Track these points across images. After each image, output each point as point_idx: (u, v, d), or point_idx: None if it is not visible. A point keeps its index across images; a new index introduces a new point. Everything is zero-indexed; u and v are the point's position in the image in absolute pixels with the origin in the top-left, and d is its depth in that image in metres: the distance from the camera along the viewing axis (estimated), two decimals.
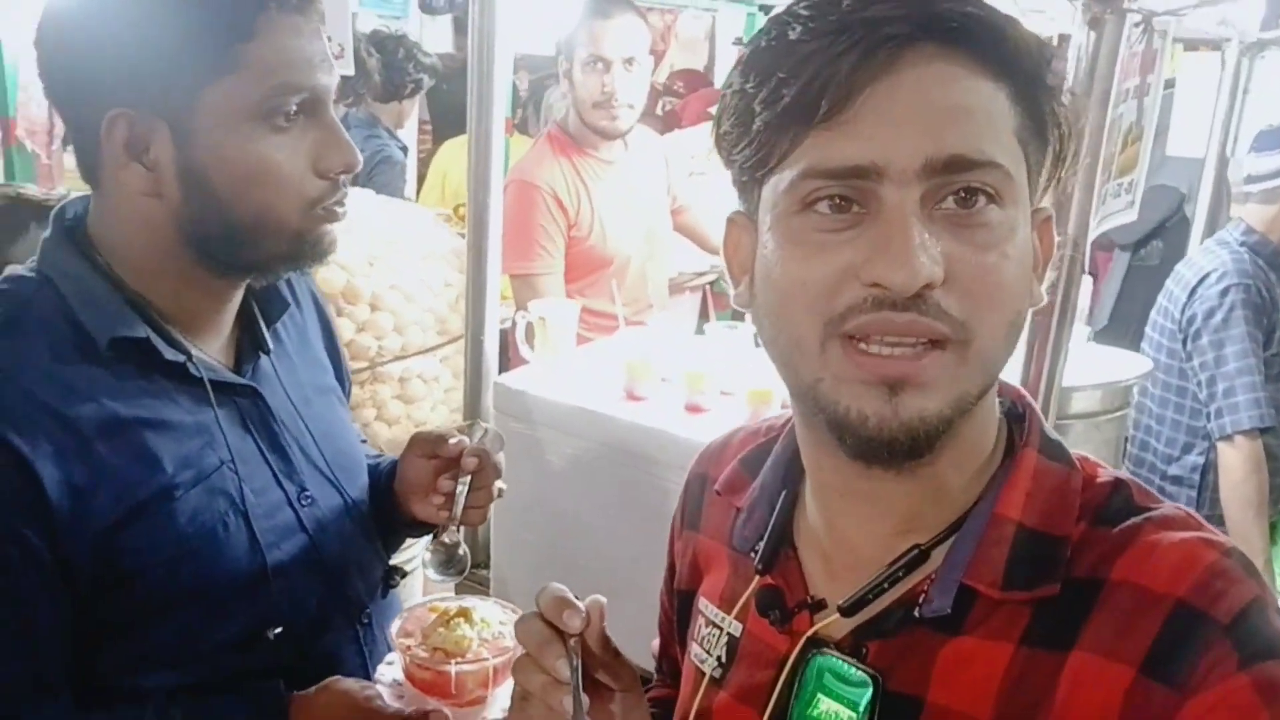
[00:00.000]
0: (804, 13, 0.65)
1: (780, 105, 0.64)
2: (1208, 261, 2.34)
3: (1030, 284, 0.68)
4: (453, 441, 1.20)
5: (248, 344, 1.12)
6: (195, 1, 0.94)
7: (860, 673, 0.71)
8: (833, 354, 0.66)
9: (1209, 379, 2.27)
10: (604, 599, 0.78)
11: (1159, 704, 0.62)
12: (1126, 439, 2.57)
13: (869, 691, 0.70)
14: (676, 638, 0.94)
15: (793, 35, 0.64)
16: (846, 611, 0.73)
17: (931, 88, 0.63)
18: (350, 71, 2.10)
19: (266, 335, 1.13)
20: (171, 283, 1.02)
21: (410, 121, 4.33)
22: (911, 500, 0.72)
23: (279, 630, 1.05)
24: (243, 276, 1.07)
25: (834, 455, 0.71)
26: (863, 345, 0.65)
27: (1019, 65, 0.65)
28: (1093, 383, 1.76)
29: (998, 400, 0.75)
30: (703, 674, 0.83)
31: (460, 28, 5.07)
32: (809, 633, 0.75)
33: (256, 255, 1.02)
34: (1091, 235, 1.51)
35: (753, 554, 0.80)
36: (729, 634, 0.82)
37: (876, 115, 0.63)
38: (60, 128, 3.23)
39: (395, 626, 1.12)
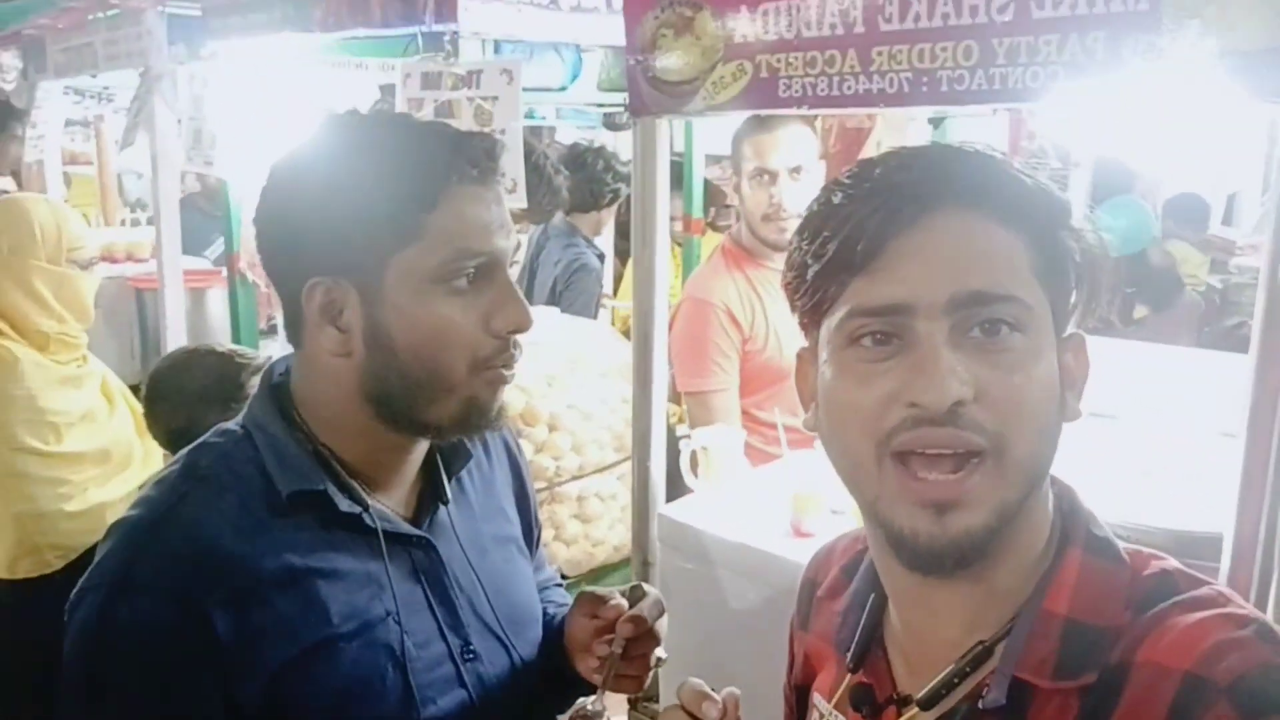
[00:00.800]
0: (846, 181, 0.79)
1: (826, 258, 0.77)
2: None
3: (1058, 401, 0.77)
4: (612, 603, 1.19)
5: (429, 495, 1.16)
6: (386, 177, 1.02)
7: None
8: (887, 473, 0.76)
9: None
10: (739, 692, 0.89)
11: None
12: None
13: None
14: None
15: (835, 200, 0.78)
16: (924, 705, 0.80)
17: (953, 236, 0.75)
18: (523, 204, 2.17)
19: (447, 486, 1.16)
20: (355, 437, 1.08)
21: (608, 229, 4.45)
22: (970, 603, 0.79)
23: None
24: (419, 435, 1.11)
25: (895, 565, 0.80)
26: (912, 467, 0.74)
27: (1032, 216, 0.77)
28: None
29: (1051, 496, 0.82)
30: None
31: None
32: None
33: (430, 415, 1.06)
34: None
35: (847, 653, 0.89)
36: None
37: (906, 261, 0.75)
38: None
39: None
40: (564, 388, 2.52)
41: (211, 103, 3.00)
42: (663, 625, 1.19)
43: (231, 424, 1.12)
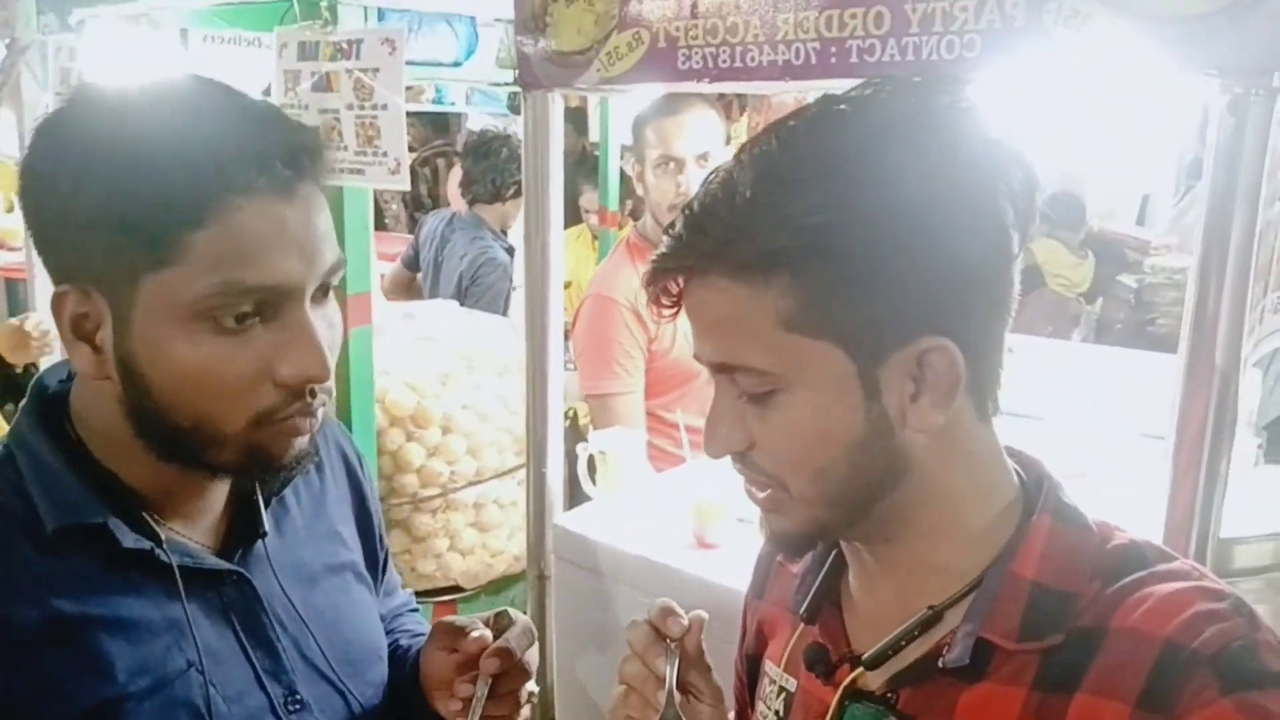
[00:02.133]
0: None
1: None
2: None
3: (846, 434, 0.75)
4: (474, 635, 1.02)
5: (241, 521, 0.98)
6: (144, 177, 0.79)
7: (891, 718, 0.80)
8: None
9: None
10: (705, 614, 0.93)
11: None
12: None
13: None
14: (749, 702, 1.01)
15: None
16: (869, 665, 0.82)
17: (699, 309, 0.76)
18: (406, 187, 2.01)
19: (264, 514, 0.98)
20: (140, 466, 0.90)
21: (517, 223, 4.29)
22: (900, 572, 0.82)
23: None
24: (207, 475, 0.92)
25: None
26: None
27: (791, 255, 0.71)
28: (1263, 531, 1.44)
29: (1017, 469, 0.83)
30: None
31: (572, 119, 5.05)
32: (846, 682, 0.83)
33: (208, 459, 0.88)
34: (1252, 357, 1.23)
35: (802, 614, 0.89)
36: (785, 689, 0.91)
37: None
38: None
39: None
40: (459, 387, 2.36)
41: (79, 74, 2.78)
42: (532, 656, 1.04)
43: None
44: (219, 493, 0.96)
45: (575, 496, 1.92)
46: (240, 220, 0.80)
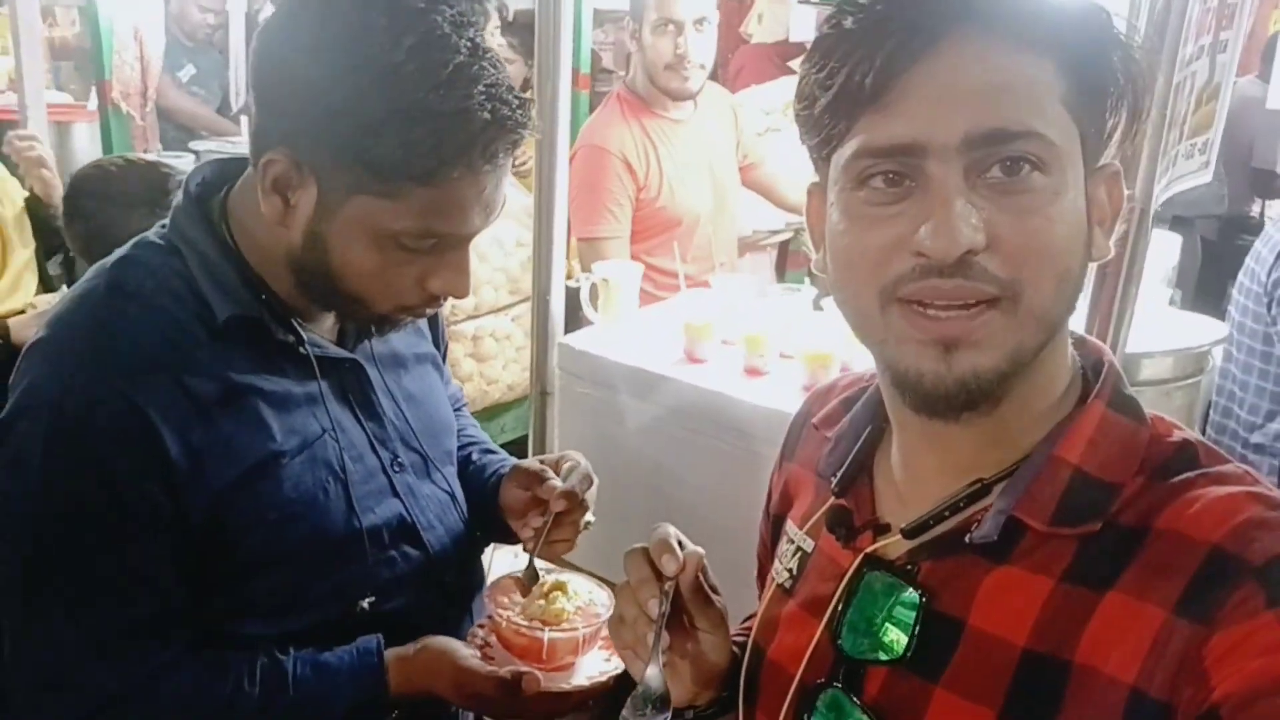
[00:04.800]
0: (860, 1, 0.71)
1: (833, 90, 0.70)
2: None
3: (1084, 241, 0.72)
4: (548, 483, 1.23)
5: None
6: (396, 121, 0.93)
7: (909, 590, 0.76)
8: (892, 318, 0.72)
9: None
10: (703, 552, 0.86)
11: (1188, 639, 0.64)
12: (1209, 406, 2.49)
13: (916, 608, 0.76)
14: (771, 561, 0.99)
15: (847, 24, 0.71)
16: (909, 534, 0.78)
17: (969, 67, 0.68)
18: None
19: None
20: (283, 280, 1.06)
21: None
22: (976, 445, 0.77)
23: (372, 599, 1.11)
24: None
25: (902, 407, 0.77)
26: (919, 308, 0.70)
27: (1063, 38, 0.69)
28: (1164, 348, 1.71)
29: (1075, 355, 0.79)
30: (778, 585, 0.90)
31: None
32: (868, 549, 0.81)
33: (344, 312, 1.10)
34: (1163, 196, 1.47)
35: (833, 479, 0.86)
36: (802, 549, 0.89)
37: (918, 95, 0.68)
38: (152, 90, 3.35)
39: (488, 593, 1.17)
40: None
41: None
42: (591, 495, 1.26)
43: (152, 236, 1.07)
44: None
45: (571, 326, 2.15)
46: (455, 188, 0.97)
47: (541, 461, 1.29)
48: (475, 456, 1.38)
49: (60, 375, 0.97)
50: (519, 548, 1.27)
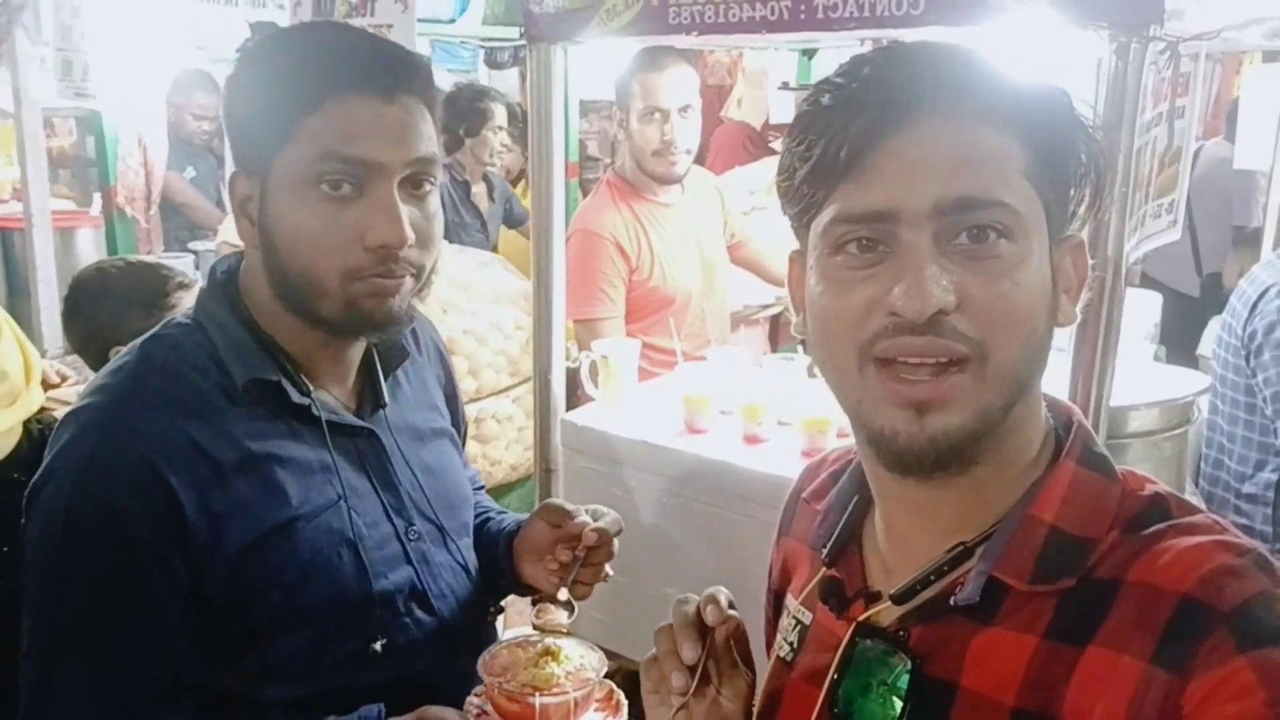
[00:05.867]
0: (836, 80, 0.77)
1: (811, 161, 0.75)
2: (1268, 275, 2.32)
3: (1049, 306, 0.76)
4: (580, 518, 1.28)
5: (368, 391, 1.23)
6: (280, 79, 1.07)
7: (901, 656, 0.78)
8: (869, 378, 0.75)
9: (1274, 394, 2.24)
10: (740, 620, 0.89)
11: (1166, 689, 0.66)
12: (1201, 458, 2.53)
13: (908, 674, 0.78)
14: (773, 637, 1.01)
15: (824, 101, 0.76)
16: (897, 600, 0.80)
17: (938, 140, 0.73)
18: None
19: (384, 386, 1.23)
20: (289, 330, 1.13)
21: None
22: (955, 508, 0.79)
23: (384, 642, 1.15)
24: (321, 330, 1.13)
25: (878, 467, 0.80)
26: (894, 369, 0.73)
27: (1024, 115, 0.74)
28: (1148, 400, 1.77)
29: (1048, 415, 0.82)
30: (779, 658, 0.93)
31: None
32: (861, 618, 0.83)
33: (318, 312, 1.09)
34: (1134, 254, 1.54)
35: (823, 550, 0.89)
36: (801, 622, 0.91)
37: (891, 167, 0.73)
38: (156, 194, 3.45)
39: (483, 662, 1.19)
40: (459, 314, 2.61)
41: (82, 33, 2.93)
42: (616, 545, 1.30)
43: (180, 318, 1.16)
44: (351, 363, 1.20)
45: (570, 405, 2.19)
46: (345, 109, 1.05)
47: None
48: (494, 515, 1.44)
49: (86, 442, 1.04)
50: (532, 613, 1.30)
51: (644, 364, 2.42)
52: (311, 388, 1.14)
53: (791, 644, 0.91)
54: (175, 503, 1.02)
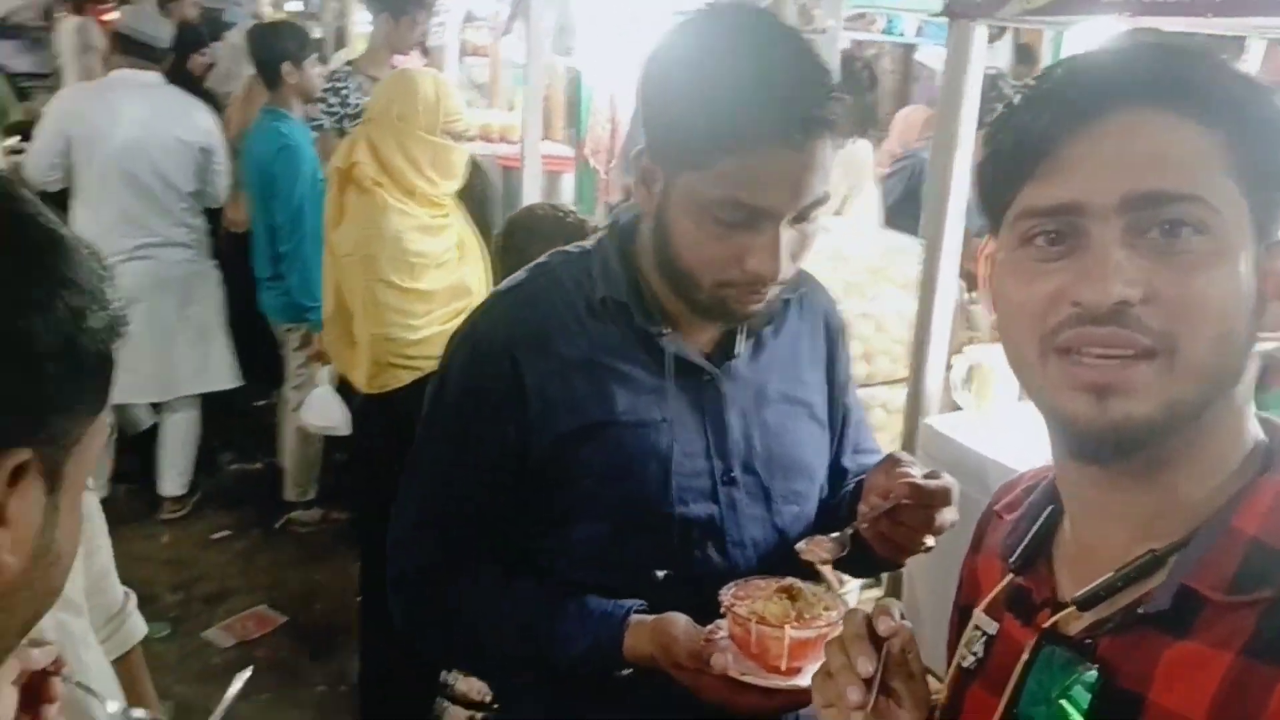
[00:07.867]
0: (1031, 82, 0.81)
1: (1000, 159, 0.79)
2: None
3: (1249, 308, 0.74)
4: (906, 469, 1.19)
5: (726, 345, 1.31)
6: (701, 106, 1.11)
7: (1087, 665, 0.77)
8: (1050, 366, 0.76)
9: None
10: (911, 630, 0.88)
11: None
12: None
13: (1094, 683, 0.76)
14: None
15: (1016, 101, 0.80)
16: (1082, 605, 0.80)
17: (1130, 136, 0.73)
18: None
19: (741, 340, 1.30)
20: (662, 287, 1.25)
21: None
22: (1144, 510, 0.78)
23: (669, 573, 1.24)
24: (690, 310, 1.25)
25: (1065, 461, 0.81)
26: (1075, 357, 0.74)
27: (1233, 112, 0.73)
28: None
29: (1260, 431, 0.80)
30: (961, 668, 0.93)
31: (1021, 55, 4.88)
32: (1046, 625, 0.83)
33: (688, 296, 1.22)
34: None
35: (1011, 559, 0.89)
36: (985, 632, 0.91)
37: (1079, 161, 0.74)
38: (619, 149, 3.74)
39: (732, 583, 1.19)
40: (860, 297, 2.54)
41: None
42: (944, 517, 1.18)
43: (581, 244, 1.35)
44: (710, 330, 1.29)
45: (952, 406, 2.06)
46: (758, 160, 1.11)
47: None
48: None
49: (473, 325, 1.31)
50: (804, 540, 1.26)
51: None
52: (667, 330, 1.25)
53: (975, 653, 0.91)
54: (521, 384, 1.22)
